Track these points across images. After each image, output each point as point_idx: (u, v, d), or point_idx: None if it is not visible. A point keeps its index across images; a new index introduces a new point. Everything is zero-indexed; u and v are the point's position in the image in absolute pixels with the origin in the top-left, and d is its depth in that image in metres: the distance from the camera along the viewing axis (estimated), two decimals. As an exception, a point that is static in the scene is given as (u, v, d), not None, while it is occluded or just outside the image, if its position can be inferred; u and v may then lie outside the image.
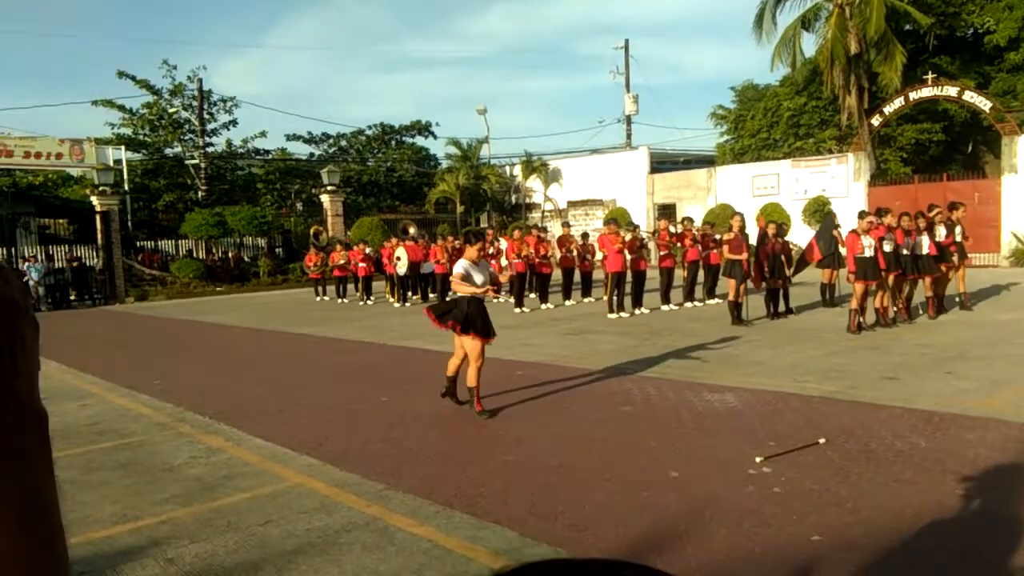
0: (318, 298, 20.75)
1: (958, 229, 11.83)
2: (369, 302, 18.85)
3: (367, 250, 19.90)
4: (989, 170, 24.29)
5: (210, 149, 32.46)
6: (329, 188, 28.94)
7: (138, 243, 27.60)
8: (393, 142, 39.84)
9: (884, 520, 4.03)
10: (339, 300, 19.92)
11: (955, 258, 11.82)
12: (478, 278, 6.78)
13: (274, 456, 5.82)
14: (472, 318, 6.68)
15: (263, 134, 34.53)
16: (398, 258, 17.92)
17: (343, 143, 39.40)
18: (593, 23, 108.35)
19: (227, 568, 3.85)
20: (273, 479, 5.25)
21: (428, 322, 7.25)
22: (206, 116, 31.80)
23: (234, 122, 32.88)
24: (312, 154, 38.36)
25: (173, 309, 20.28)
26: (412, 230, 21.78)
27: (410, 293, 18.56)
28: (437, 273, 17.48)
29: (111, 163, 26.57)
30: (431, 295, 18.41)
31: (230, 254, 28.21)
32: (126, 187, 27.74)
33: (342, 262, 20.29)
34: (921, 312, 11.58)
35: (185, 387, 8.87)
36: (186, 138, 32.20)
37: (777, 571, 3.54)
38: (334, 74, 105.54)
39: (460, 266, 6.87)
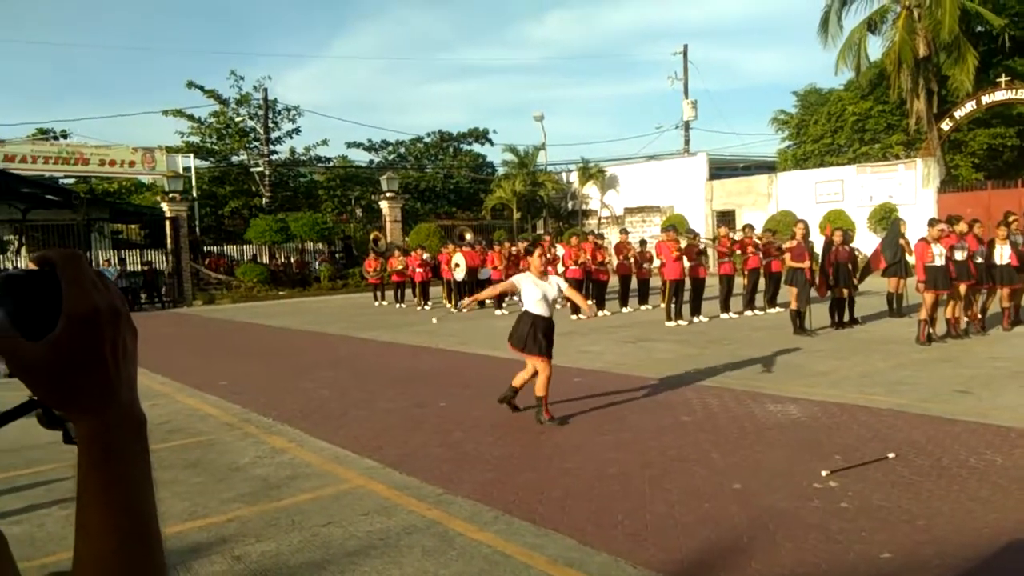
0: (377, 303, 21.04)
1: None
2: (427, 307, 19.04)
3: (425, 256, 20.11)
4: (1068, 176, 23.22)
5: (274, 157, 33.30)
6: (388, 194, 29.36)
7: (205, 248, 28.49)
8: (451, 149, 40.28)
9: (958, 539, 3.89)
10: (397, 305, 20.16)
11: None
12: (537, 293, 6.82)
13: (336, 458, 5.92)
14: (531, 340, 6.74)
15: (325, 142, 35.33)
16: (456, 264, 18.06)
17: (402, 150, 40.00)
18: (651, 28, 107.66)
19: (291, 567, 3.93)
20: (335, 480, 5.35)
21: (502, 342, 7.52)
22: (270, 125, 32.64)
23: (297, 130, 33.69)
24: (372, 161, 39.07)
25: (238, 312, 20.83)
26: (469, 236, 21.92)
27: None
28: (494, 279, 17.56)
29: (180, 171, 27.51)
30: (487, 301, 18.50)
31: (292, 259, 28.86)
32: (194, 194, 28.64)
33: (400, 267, 20.55)
34: (995, 324, 11.14)
35: (250, 388, 9.10)
36: (251, 146, 33.11)
37: (845, 588, 3.44)
38: (393, 83, 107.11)
39: (520, 277, 6.98)
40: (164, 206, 25.02)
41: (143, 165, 27.29)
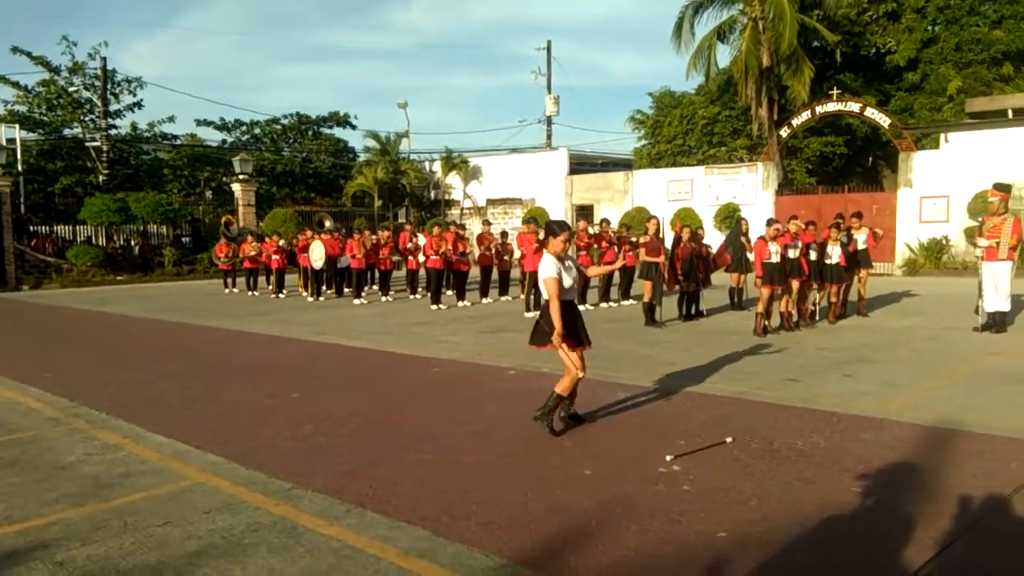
0: (227, 290, 20.09)
1: (864, 236, 12.48)
2: (281, 295, 18.37)
3: (280, 242, 19.39)
4: (887, 183, 25.65)
5: (113, 132, 30.95)
6: (241, 177, 28.07)
7: (31, 228, 26.08)
8: (310, 132, 39.02)
9: (786, 516, 4.17)
10: (250, 293, 19.34)
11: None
12: (567, 279, 5.74)
13: (176, 453, 5.58)
14: (573, 331, 5.76)
15: (171, 119, 33.23)
16: (313, 251, 17.53)
17: (257, 131, 38.31)
18: (517, 22, 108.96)
19: (122, 571, 3.65)
20: (174, 477, 5.03)
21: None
22: (109, 97, 30.30)
23: (139, 104, 31.50)
24: (224, 141, 37.18)
25: (69, 298, 19.24)
26: (328, 223, 21.30)
27: (325, 287, 18.19)
28: (353, 268, 17.20)
29: (4, 142, 25.00)
30: (346, 290, 18.11)
31: (133, 242, 26.99)
32: (19, 168, 26.16)
33: (253, 253, 19.71)
34: (820, 318, 12.10)
35: (80, 380, 8.42)
36: (86, 119, 30.61)
37: (685, 567, 3.61)
38: (249, 60, 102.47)
39: (551, 268, 5.71)
40: (-18, 180, 22.68)
41: (-42, 134, 24.61)
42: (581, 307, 14.49)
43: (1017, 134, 20.95)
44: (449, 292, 16.67)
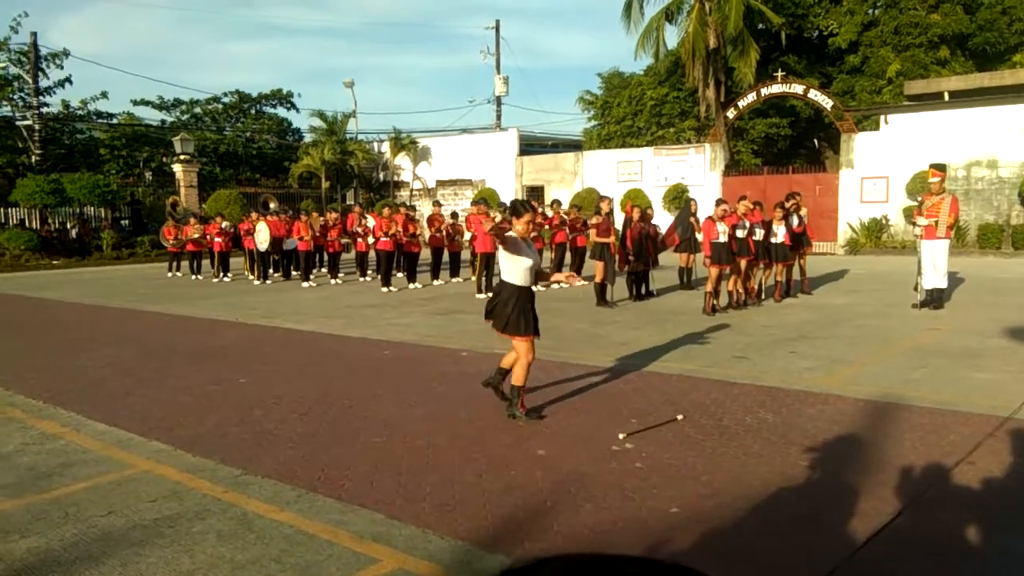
0: (170, 274, 19.56)
1: (801, 216, 12.71)
2: (226, 279, 17.97)
3: (224, 224, 18.94)
4: (829, 165, 26.23)
5: (45, 110, 29.73)
6: (182, 157, 27.30)
7: (-42, 211, 24.98)
8: (252, 111, 38.07)
9: (735, 490, 4.25)
10: (193, 277, 18.87)
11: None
12: (525, 259, 5.64)
13: (119, 442, 5.41)
14: (516, 318, 5.57)
15: (104, 95, 32.00)
16: (258, 233, 17.17)
17: (197, 110, 37.24)
18: (465, 1, 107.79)
19: (64, 563, 3.53)
20: (118, 466, 4.88)
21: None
22: (39, 73, 29.05)
23: (68, 80, 30.22)
24: (163, 121, 36.06)
25: (2, 284, 18.49)
26: (273, 204, 20.89)
27: (271, 270, 17.86)
28: (300, 250, 16.90)
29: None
30: (294, 273, 17.81)
31: (69, 225, 26.07)
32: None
33: (196, 236, 19.21)
34: (766, 296, 12.34)
35: (16, 368, 8.10)
36: (15, 97, 29.32)
37: (638, 542, 3.64)
38: (188, 37, 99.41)
39: (518, 243, 5.64)
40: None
41: None
42: (533, 288, 14.54)
43: (953, 116, 21.60)
44: (400, 274, 16.53)
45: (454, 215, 16.79)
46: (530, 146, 33.30)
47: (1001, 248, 20.45)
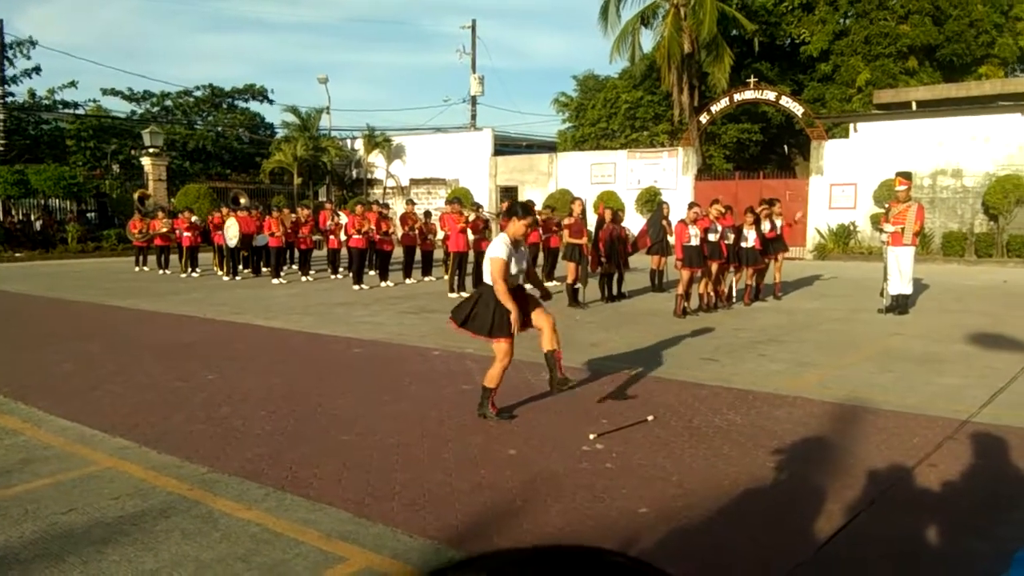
0: (137, 268, 19.26)
1: (778, 222, 12.86)
2: (194, 274, 17.73)
3: (192, 219, 18.69)
4: (799, 171, 26.59)
5: (10, 99, 29.10)
6: (151, 150, 26.87)
7: (-81, 201, 24.36)
8: (224, 105, 37.60)
9: (704, 491, 4.28)
10: (160, 272, 18.60)
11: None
12: (513, 266, 5.55)
13: (82, 438, 5.31)
14: (500, 320, 5.47)
15: (73, 84, 31.45)
16: (228, 228, 16.96)
17: (168, 103, 36.70)
18: (441, 0, 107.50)
19: (23, 561, 3.45)
20: (80, 463, 4.79)
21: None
22: (3, 62, 28.44)
23: (36, 69, 29.63)
24: (133, 112, 35.50)
25: (-38, 276, 18.06)
26: (244, 200, 20.63)
27: (241, 267, 17.66)
28: (271, 247, 16.73)
29: None
30: (264, 269, 17.62)
31: (33, 217, 25.54)
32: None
33: (164, 230, 18.94)
34: (736, 300, 12.47)
35: (-25, 362, 7.92)
36: (-20, 86, 28.68)
37: (606, 542, 3.64)
38: (160, 28, 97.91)
39: (501, 249, 5.49)
40: None
41: None
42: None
43: (920, 126, 22.00)
44: (372, 272, 16.44)
45: (427, 214, 16.73)
46: (505, 146, 33.31)
47: (964, 256, 20.88)
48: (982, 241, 20.81)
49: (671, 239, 12.69)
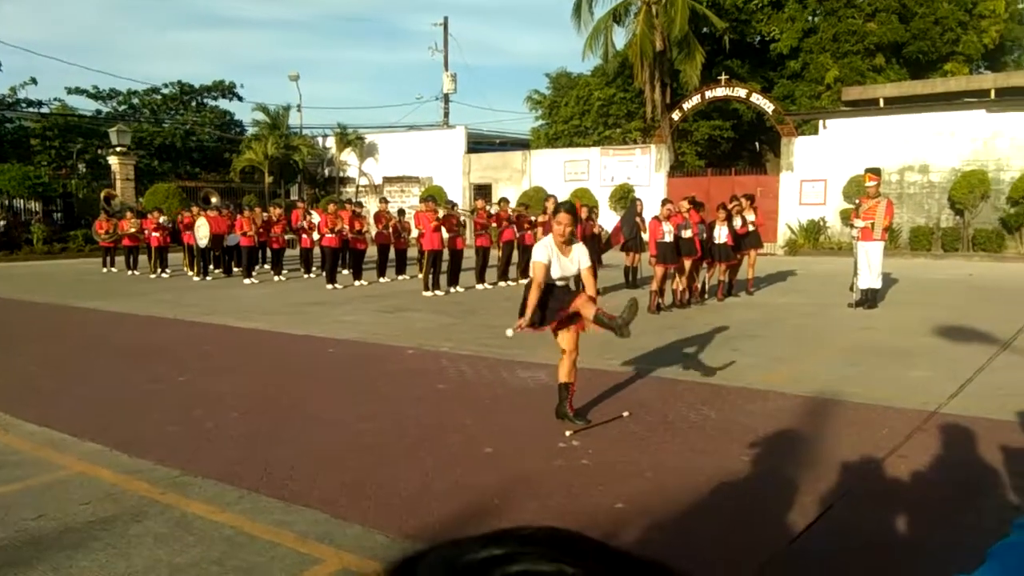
0: (105, 269, 18.96)
1: (750, 217, 12.96)
2: (164, 275, 17.50)
3: (161, 219, 18.44)
4: (770, 167, 26.85)
5: (-29, 98, 28.50)
6: (118, 149, 26.45)
7: None
8: (193, 103, 37.10)
9: (679, 485, 4.31)
10: (129, 272, 18.33)
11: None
12: (555, 269, 5.37)
13: (51, 442, 5.22)
14: (552, 309, 5.40)
15: (33, 81, 30.84)
16: (198, 228, 16.75)
17: (135, 101, 36.12)
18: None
19: (-10, 570, 3.39)
20: (50, 468, 4.71)
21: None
22: (-35, 60, 27.82)
23: (-3, 66, 29.00)
24: (99, 111, 34.88)
25: (-76, 278, 17.65)
26: (215, 199, 20.34)
27: (212, 267, 17.45)
28: (243, 246, 16.55)
29: None
30: (235, 269, 17.44)
31: (-2, 218, 25.00)
32: None
33: (133, 230, 18.66)
34: (709, 296, 12.56)
35: (-62, 367, 7.74)
36: (-59, 83, 28.06)
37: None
38: (127, 25, 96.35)
39: (540, 252, 5.36)
40: None
41: None
42: (479, 286, 14.56)
43: (888, 122, 22.34)
44: (345, 271, 16.34)
45: (401, 212, 16.66)
46: (478, 144, 33.25)
47: (931, 250, 21.25)
48: (948, 235, 21.19)
49: (645, 236, 12.75)
